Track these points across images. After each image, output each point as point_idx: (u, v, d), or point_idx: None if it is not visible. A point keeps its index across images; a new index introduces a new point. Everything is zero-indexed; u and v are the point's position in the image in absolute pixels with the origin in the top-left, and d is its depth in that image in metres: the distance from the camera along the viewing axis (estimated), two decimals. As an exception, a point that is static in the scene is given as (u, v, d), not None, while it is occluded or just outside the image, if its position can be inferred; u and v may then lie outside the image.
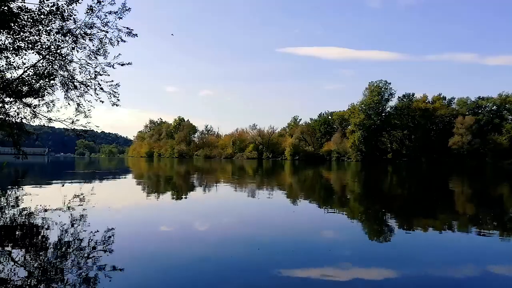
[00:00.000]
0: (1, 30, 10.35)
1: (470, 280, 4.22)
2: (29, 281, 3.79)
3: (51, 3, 10.65)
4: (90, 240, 5.44)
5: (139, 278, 4.02)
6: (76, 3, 10.96)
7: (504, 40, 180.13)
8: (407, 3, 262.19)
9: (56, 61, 11.87)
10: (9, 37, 10.68)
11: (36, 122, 12.84)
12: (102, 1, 11.30)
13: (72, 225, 6.57)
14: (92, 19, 11.52)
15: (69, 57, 11.94)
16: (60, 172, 28.46)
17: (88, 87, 12.36)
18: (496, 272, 4.52)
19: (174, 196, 12.36)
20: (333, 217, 8.55)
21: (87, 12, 11.35)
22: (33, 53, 11.27)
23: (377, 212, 9.35)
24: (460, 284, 4.07)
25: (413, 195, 14.32)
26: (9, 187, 14.12)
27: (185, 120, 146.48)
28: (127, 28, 11.93)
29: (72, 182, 17.68)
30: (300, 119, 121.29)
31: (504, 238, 6.32)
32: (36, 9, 10.59)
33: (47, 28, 11.02)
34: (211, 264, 4.54)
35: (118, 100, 12.60)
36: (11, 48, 10.82)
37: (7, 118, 12.03)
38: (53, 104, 12.52)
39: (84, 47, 11.86)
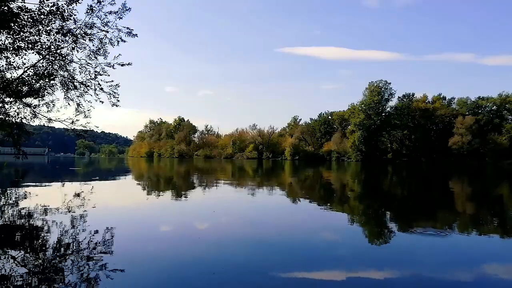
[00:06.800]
0: (1, 30, 10.35)
1: (470, 280, 4.22)
2: (29, 281, 3.78)
3: (51, 3, 10.66)
4: (90, 240, 5.43)
5: (139, 278, 4.02)
6: (76, 3, 10.97)
7: (503, 40, 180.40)
8: (405, 3, 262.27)
9: (56, 61, 11.87)
10: (9, 37, 10.69)
11: (36, 122, 12.87)
12: (102, 1, 11.32)
13: (72, 225, 6.57)
14: (92, 19, 11.53)
15: (69, 57, 11.95)
16: (60, 172, 28.45)
17: (88, 87, 12.37)
18: (497, 273, 4.52)
19: (174, 196, 12.35)
20: (332, 217, 8.54)
21: (87, 12, 11.36)
22: (33, 53, 11.28)
23: (377, 212, 9.35)
24: (460, 285, 4.06)
25: (413, 195, 14.32)
26: (9, 187, 14.11)
27: (185, 120, 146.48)
28: (127, 28, 11.95)
29: (72, 182, 17.68)
30: (300, 119, 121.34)
31: (505, 239, 6.31)
32: (36, 9, 10.60)
33: (47, 28, 11.02)
34: (211, 264, 4.53)
35: (118, 100, 12.62)
36: (11, 48, 10.82)
37: (7, 118, 12.03)
38: (53, 104, 12.54)
39: (84, 47, 11.87)
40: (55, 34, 11.25)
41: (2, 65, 11.25)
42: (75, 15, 11.14)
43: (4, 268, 4.18)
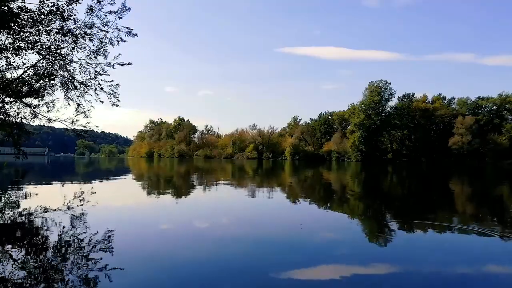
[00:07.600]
0: (1, 30, 10.35)
1: (470, 280, 4.22)
2: (29, 281, 3.78)
3: (51, 3, 10.67)
4: (90, 240, 5.43)
5: (139, 278, 4.02)
6: (76, 3, 10.98)
7: (503, 40, 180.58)
8: (405, 3, 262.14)
9: (56, 61, 11.89)
10: (9, 37, 10.70)
11: (36, 122, 12.89)
12: (102, 1, 11.33)
13: (72, 225, 6.57)
14: (92, 19, 11.55)
15: (69, 57, 11.97)
16: (60, 172, 28.45)
17: (88, 87, 12.38)
18: (497, 273, 4.52)
19: (174, 196, 12.35)
20: (332, 217, 8.55)
21: (87, 12, 11.37)
22: (33, 53, 11.29)
23: (377, 212, 9.34)
24: (460, 285, 4.06)
25: (413, 195, 14.32)
26: (9, 187, 14.11)
27: (185, 120, 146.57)
28: (127, 28, 11.97)
29: (72, 182, 17.68)
30: (300, 119, 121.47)
31: (505, 238, 6.31)
32: (36, 9, 10.61)
33: (47, 28, 11.03)
34: (210, 264, 4.54)
35: (118, 100, 12.64)
36: (11, 48, 10.83)
37: (7, 118, 12.04)
38: (53, 104, 12.55)
39: (84, 47, 11.89)
40: (55, 34, 11.26)
41: (2, 65, 11.27)
42: (75, 15, 11.16)
43: (4, 268, 4.18)
